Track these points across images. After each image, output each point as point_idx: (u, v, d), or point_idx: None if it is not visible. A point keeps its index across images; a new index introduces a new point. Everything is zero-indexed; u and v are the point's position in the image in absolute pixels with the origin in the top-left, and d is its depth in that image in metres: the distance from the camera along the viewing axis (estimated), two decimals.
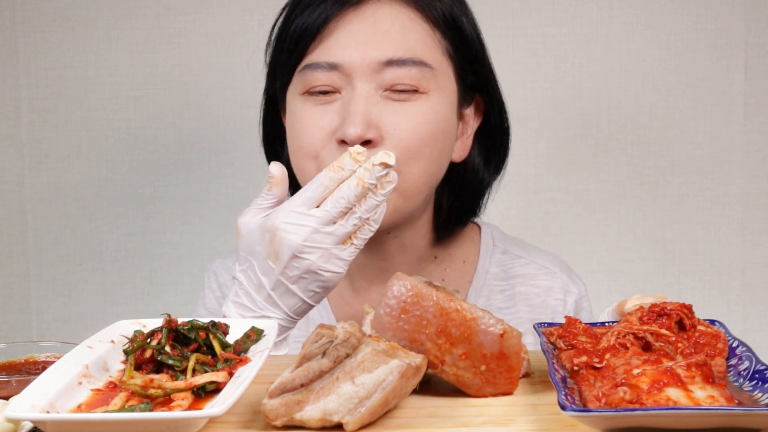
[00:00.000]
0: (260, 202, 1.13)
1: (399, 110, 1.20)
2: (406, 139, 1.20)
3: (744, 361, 0.91)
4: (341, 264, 1.09)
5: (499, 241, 1.41)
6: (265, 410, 0.84)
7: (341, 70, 1.20)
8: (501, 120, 1.35)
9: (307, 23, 1.22)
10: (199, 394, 0.88)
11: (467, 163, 1.33)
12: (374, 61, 1.20)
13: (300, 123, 1.23)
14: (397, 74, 1.20)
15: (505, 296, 1.36)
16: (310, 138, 1.21)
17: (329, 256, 1.07)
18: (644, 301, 1.06)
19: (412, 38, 1.22)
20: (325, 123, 1.21)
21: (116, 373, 0.95)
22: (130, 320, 1.04)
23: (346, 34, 1.21)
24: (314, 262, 1.07)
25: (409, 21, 1.22)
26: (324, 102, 1.22)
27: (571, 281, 1.39)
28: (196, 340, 0.96)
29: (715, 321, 1.00)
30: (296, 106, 1.24)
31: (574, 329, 0.98)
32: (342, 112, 1.20)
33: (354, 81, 1.20)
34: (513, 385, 0.93)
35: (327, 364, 0.85)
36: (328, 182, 1.08)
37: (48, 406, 0.82)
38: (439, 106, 1.23)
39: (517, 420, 0.86)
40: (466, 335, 0.90)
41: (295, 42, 1.23)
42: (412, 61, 1.20)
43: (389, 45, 1.20)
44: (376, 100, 1.20)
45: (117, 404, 0.86)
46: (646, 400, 0.79)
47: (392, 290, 0.92)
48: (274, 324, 1.02)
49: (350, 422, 0.83)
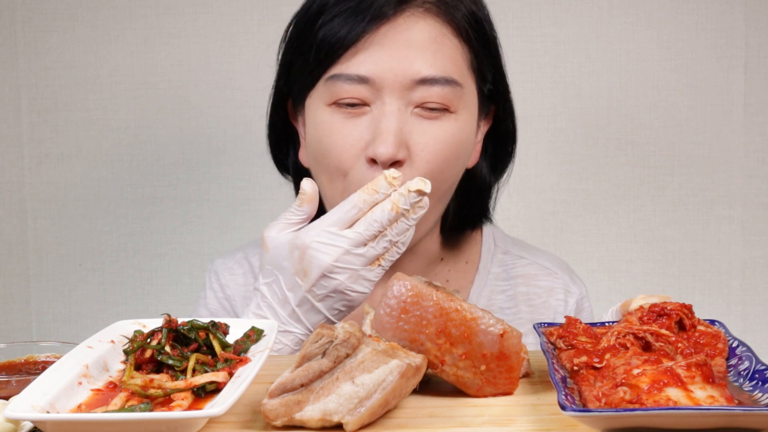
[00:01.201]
0: (289, 218, 1.13)
1: (428, 130, 1.19)
2: (433, 161, 1.19)
3: (744, 361, 0.91)
4: (368, 285, 1.09)
5: (501, 242, 1.41)
6: (265, 410, 0.84)
7: (372, 84, 1.18)
8: (511, 126, 1.34)
9: (340, 34, 1.19)
10: (199, 394, 0.88)
11: (475, 168, 1.33)
12: (407, 78, 1.18)
13: (329, 137, 1.21)
14: (429, 93, 1.18)
15: (506, 296, 1.36)
16: (339, 155, 1.20)
17: (357, 276, 1.08)
18: (649, 300, 1.06)
19: (445, 55, 1.20)
20: (354, 139, 1.19)
21: (116, 373, 0.95)
22: (130, 320, 1.04)
23: (378, 48, 1.18)
24: (342, 282, 1.08)
25: (442, 36, 1.20)
26: (353, 115, 1.20)
27: (572, 282, 1.39)
28: (196, 340, 0.96)
29: (715, 321, 1.00)
30: (322, 117, 1.22)
31: (574, 329, 0.98)
32: (372, 127, 1.18)
33: (384, 96, 1.18)
34: (513, 385, 0.93)
35: (327, 364, 0.85)
36: (362, 204, 1.08)
37: (48, 406, 0.82)
38: (466, 125, 1.22)
39: (517, 420, 0.86)
40: (466, 335, 0.90)
41: (325, 51, 1.20)
42: (444, 79, 1.19)
43: (422, 62, 1.18)
44: (406, 117, 1.18)
45: (117, 404, 0.86)
46: (646, 400, 0.79)
47: (392, 290, 0.92)
48: (274, 324, 1.02)
49: (350, 422, 0.83)
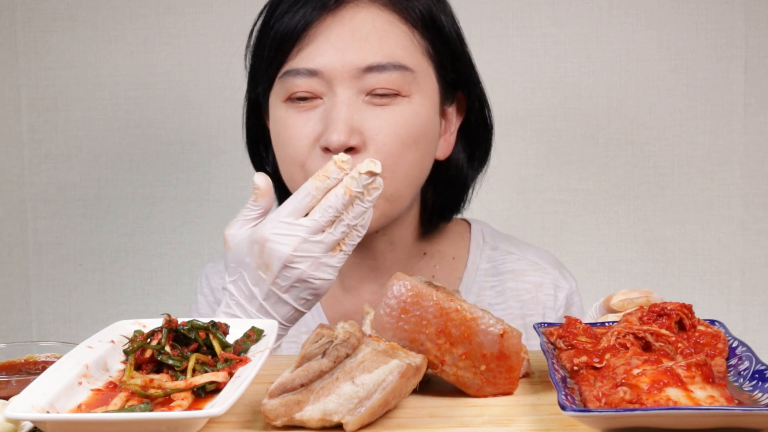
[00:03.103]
0: (246, 214, 1.14)
1: (381, 115, 1.20)
2: (389, 144, 1.20)
3: (744, 361, 0.91)
4: (331, 271, 1.10)
5: (489, 238, 1.42)
6: (265, 410, 0.84)
7: (321, 77, 1.20)
8: (483, 116, 1.35)
9: (287, 29, 1.21)
10: (199, 394, 0.88)
11: (451, 161, 1.33)
12: (354, 67, 1.19)
13: (284, 131, 1.23)
14: (378, 79, 1.20)
15: (495, 292, 1.36)
16: (295, 147, 1.22)
17: (319, 264, 1.09)
18: (630, 296, 1.07)
19: (392, 42, 1.21)
20: (308, 131, 1.21)
21: (116, 373, 0.95)
22: (130, 320, 1.05)
23: (324, 40, 1.20)
24: (305, 271, 1.08)
25: (388, 24, 1.22)
26: (306, 108, 1.22)
27: (561, 277, 1.39)
28: (196, 340, 0.96)
29: (715, 321, 1.00)
30: (279, 113, 1.25)
31: (574, 329, 0.98)
32: (324, 118, 1.20)
33: (335, 87, 1.20)
34: (513, 385, 0.93)
35: (327, 364, 0.85)
36: (315, 191, 1.09)
37: (48, 406, 0.82)
38: (421, 108, 1.23)
39: (517, 420, 0.86)
40: (466, 335, 0.90)
41: (275, 48, 1.23)
42: (392, 65, 1.20)
43: (368, 50, 1.20)
44: (357, 105, 1.20)
45: (117, 404, 0.86)
46: (646, 400, 0.79)
47: (392, 290, 0.92)
48: (274, 324, 1.02)
49: (350, 422, 0.83)
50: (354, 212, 1.09)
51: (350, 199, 1.08)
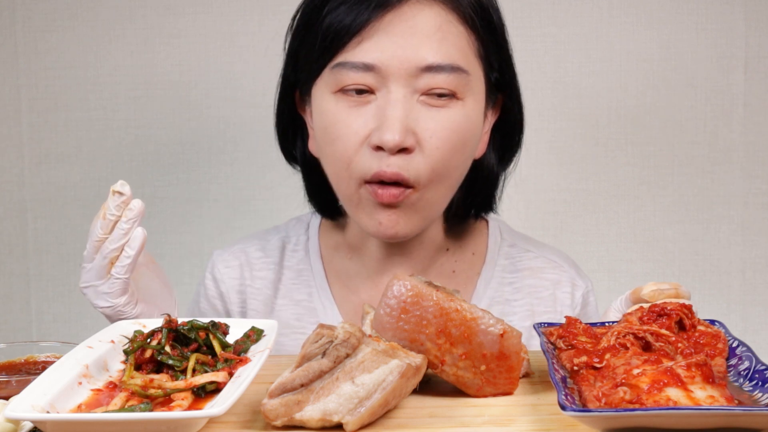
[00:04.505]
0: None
1: (435, 117, 1.19)
2: (442, 148, 1.19)
3: (744, 361, 0.91)
4: (106, 297, 1.12)
5: (507, 235, 1.42)
6: (265, 410, 0.84)
7: (377, 72, 1.18)
8: (519, 117, 1.34)
9: (345, 22, 1.19)
10: (199, 394, 0.88)
11: (483, 160, 1.32)
12: (412, 65, 1.17)
13: (334, 127, 1.21)
14: (435, 80, 1.18)
15: (513, 288, 1.37)
16: (344, 144, 1.20)
17: (97, 292, 1.12)
18: (660, 287, 1.07)
19: (450, 43, 1.20)
20: (359, 127, 1.19)
21: (116, 373, 0.95)
22: (130, 320, 1.05)
23: (384, 35, 1.18)
24: (91, 299, 1.12)
25: (447, 24, 1.20)
26: (358, 103, 1.19)
27: (578, 276, 1.39)
28: (196, 340, 0.96)
29: (715, 321, 1.00)
30: (328, 106, 1.22)
31: (574, 329, 0.98)
32: (377, 115, 1.18)
33: (389, 84, 1.18)
34: (513, 385, 0.93)
35: (327, 364, 0.85)
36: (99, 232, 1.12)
37: (48, 406, 0.83)
38: (472, 112, 1.22)
39: (517, 420, 0.86)
40: (466, 335, 0.90)
41: (331, 38, 1.20)
42: (450, 67, 1.18)
43: (428, 50, 1.18)
44: (411, 104, 1.18)
45: (117, 404, 0.86)
46: (646, 400, 0.79)
47: (392, 290, 0.92)
48: (274, 324, 1.02)
49: (350, 422, 0.83)
50: (113, 236, 1.10)
51: (107, 223, 1.11)
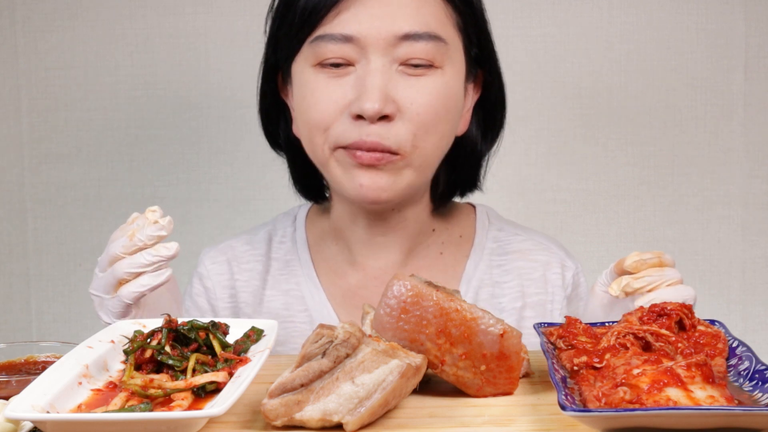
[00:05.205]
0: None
1: (414, 85, 1.20)
2: (423, 114, 1.20)
3: (744, 361, 0.91)
4: (109, 314, 1.12)
5: (495, 219, 1.43)
6: (265, 410, 0.84)
7: (356, 43, 1.19)
8: (500, 94, 1.36)
9: None
10: (199, 394, 0.88)
11: (466, 137, 1.34)
12: (390, 34, 1.19)
13: (312, 96, 1.22)
14: (413, 48, 1.20)
15: (502, 270, 1.37)
16: (320, 111, 1.21)
17: (102, 304, 1.12)
18: (643, 256, 1.08)
19: (427, 12, 1.21)
20: (338, 96, 1.20)
21: (116, 373, 0.95)
22: (130, 320, 1.05)
23: (361, 7, 1.19)
24: (95, 307, 1.13)
25: None
26: (337, 75, 1.21)
27: (567, 257, 1.40)
28: (196, 340, 0.96)
29: (715, 321, 1.00)
30: (307, 78, 1.23)
31: (574, 329, 0.98)
32: (357, 86, 1.19)
33: (369, 54, 1.19)
34: (513, 385, 0.93)
35: (327, 364, 0.85)
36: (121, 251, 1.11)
37: (48, 406, 0.82)
38: (452, 80, 1.23)
39: (517, 420, 0.86)
40: (466, 335, 0.90)
41: (308, 13, 1.21)
42: (428, 35, 1.20)
43: (405, 19, 1.19)
44: (391, 74, 1.20)
45: (117, 404, 0.86)
46: (646, 400, 0.79)
47: (392, 290, 0.92)
48: (274, 324, 1.02)
49: (350, 422, 0.83)
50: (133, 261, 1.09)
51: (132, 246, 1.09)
